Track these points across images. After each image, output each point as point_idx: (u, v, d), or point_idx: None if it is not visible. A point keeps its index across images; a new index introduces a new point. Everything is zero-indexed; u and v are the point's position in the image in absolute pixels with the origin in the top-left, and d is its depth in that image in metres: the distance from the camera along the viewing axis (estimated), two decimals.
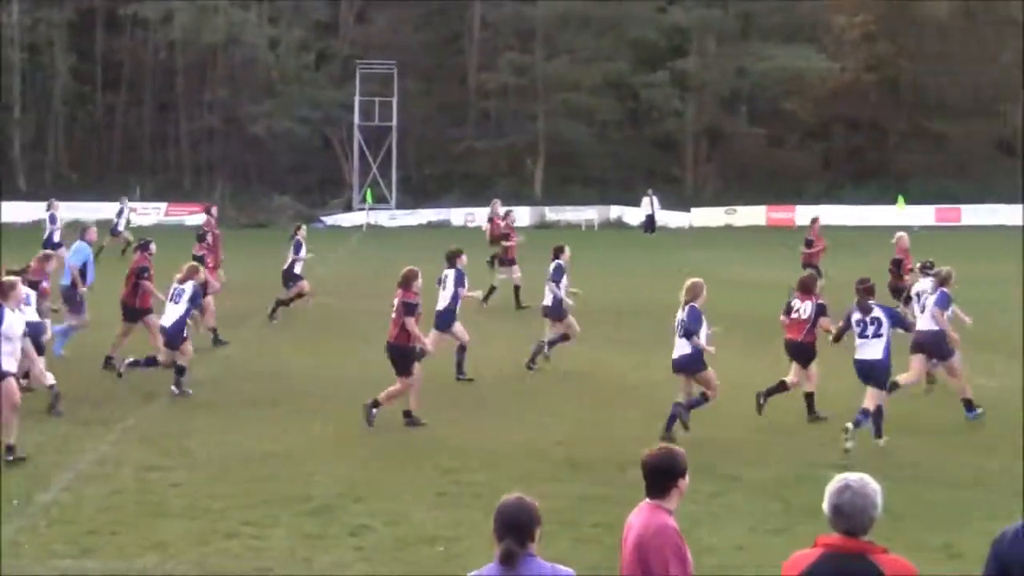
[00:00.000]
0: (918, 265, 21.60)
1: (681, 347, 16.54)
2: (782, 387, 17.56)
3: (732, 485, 13.90)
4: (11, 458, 14.47)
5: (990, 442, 16.19)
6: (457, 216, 67.59)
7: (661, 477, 6.83)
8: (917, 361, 18.04)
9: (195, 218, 51.17)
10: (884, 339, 16.11)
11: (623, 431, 16.59)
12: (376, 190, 69.05)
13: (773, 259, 40.97)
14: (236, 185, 71.35)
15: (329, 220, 66.42)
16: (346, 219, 67.75)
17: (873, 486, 5.79)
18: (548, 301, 21.98)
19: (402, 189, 73.40)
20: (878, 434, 15.93)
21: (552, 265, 22.09)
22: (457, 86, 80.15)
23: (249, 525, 12.32)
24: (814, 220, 34.34)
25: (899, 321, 16.98)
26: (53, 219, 36.30)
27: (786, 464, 14.78)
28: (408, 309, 17.04)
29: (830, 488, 5.76)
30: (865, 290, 16.51)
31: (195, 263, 21.45)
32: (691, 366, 16.51)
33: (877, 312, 16.26)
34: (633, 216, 67.42)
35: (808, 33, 79.87)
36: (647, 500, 6.88)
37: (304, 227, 29.18)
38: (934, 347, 17.94)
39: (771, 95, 79.21)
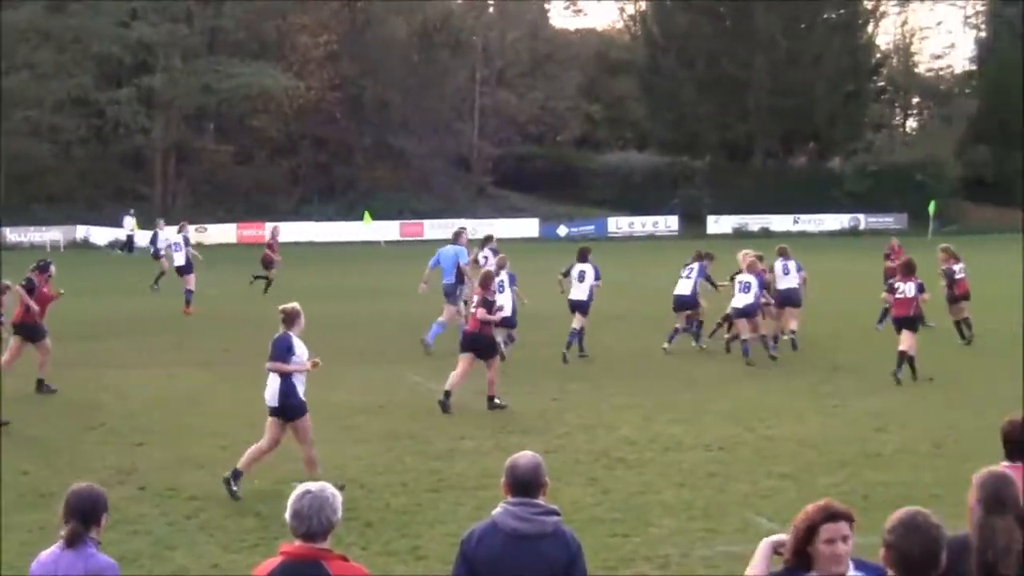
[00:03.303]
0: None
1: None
2: None
3: (206, 504, 13.98)
4: None
5: (448, 446, 17.08)
6: None
7: None
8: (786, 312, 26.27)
9: None
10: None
11: (96, 459, 16.35)
12: None
13: (243, 282, 41.30)
14: None
15: None
16: None
17: (332, 491, 5.95)
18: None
19: None
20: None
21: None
22: None
23: None
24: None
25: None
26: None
27: (260, 478, 14.98)
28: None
29: (292, 496, 5.93)
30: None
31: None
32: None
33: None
34: (100, 236, 65.89)
35: (274, 51, 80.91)
36: (1007, 463, 7.19)
37: None
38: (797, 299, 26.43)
39: (238, 112, 79.69)
